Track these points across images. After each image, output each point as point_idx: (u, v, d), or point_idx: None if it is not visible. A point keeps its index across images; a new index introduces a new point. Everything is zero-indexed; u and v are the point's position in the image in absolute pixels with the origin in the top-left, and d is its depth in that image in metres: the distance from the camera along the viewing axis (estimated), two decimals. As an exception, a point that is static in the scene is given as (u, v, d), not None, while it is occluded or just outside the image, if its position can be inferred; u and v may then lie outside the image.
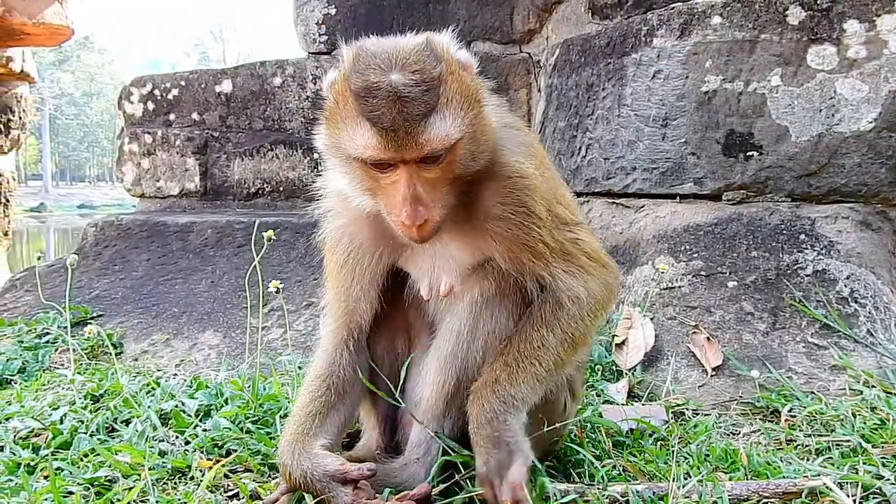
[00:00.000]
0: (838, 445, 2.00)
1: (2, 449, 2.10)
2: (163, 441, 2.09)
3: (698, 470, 1.82)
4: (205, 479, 1.77)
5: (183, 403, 2.36)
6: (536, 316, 1.70)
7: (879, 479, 1.69)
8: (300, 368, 2.71)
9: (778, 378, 2.46)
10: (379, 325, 1.91)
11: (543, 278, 1.70)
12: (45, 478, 1.90)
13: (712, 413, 2.38)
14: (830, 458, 1.91)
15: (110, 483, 1.85)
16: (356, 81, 1.48)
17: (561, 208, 1.77)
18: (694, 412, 2.41)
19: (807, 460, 1.92)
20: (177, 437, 2.14)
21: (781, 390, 2.42)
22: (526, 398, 1.63)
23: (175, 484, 1.87)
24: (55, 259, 4.91)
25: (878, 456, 1.86)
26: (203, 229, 4.32)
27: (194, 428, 2.19)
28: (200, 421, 2.26)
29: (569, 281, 1.71)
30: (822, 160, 2.95)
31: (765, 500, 1.61)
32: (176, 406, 2.35)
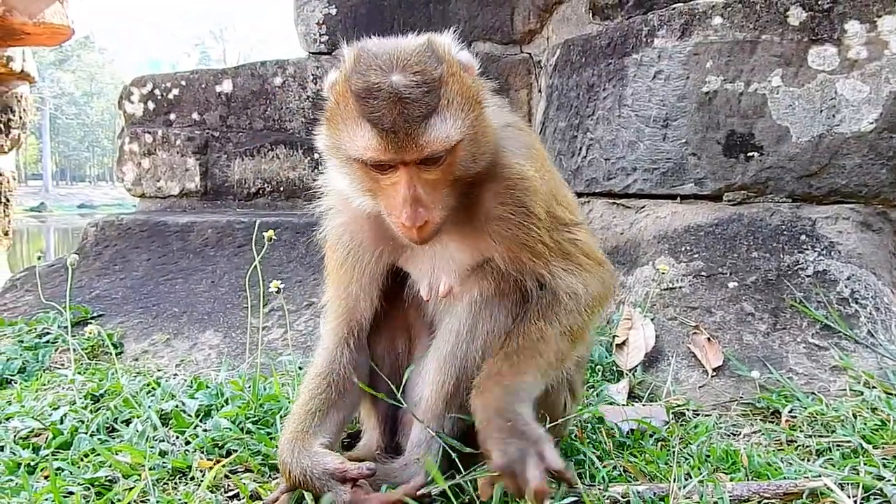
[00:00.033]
0: (839, 446, 2.00)
1: (2, 449, 2.10)
2: (163, 441, 2.09)
3: (699, 470, 1.82)
4: (205, 480, 1.77)
5: (183, 403, 2.36)
6: (534, 310, 1.70)
7: (880, 480, 1.69)
8: (301, 369, 2.70)
9: (778, 379, 2.46)
10: (379, 325, 1.91)
11: (543, 277, 1.71)
12: (46, 478, 1.89)
13: (713, 414, 2.38)
14: (831, 459, 1.91)
15: (111, 483, 1.85)
16: (357, 82, 1.48)
17: (560, 209, 1.78)
18: (694, 413, 2.41)
19: (807, 461, 1.92)
20: (177, 438, 2.14)
21: (782, 391, 2.42)
22: (530, 389, 1.60)
23: (175, 484, 1.87)
24: (55, 259, 4.91)
25: (879, 457, 1.86)
26: (203, 229, 4.32)
27: (195, 428, 2.19)
28: (201, 421, 2.26)
29: (567, 278, 1.72)
30: (823, 161, 2.95)
31: (765, 501, 1.61)
32: (176, 406, 2.35)
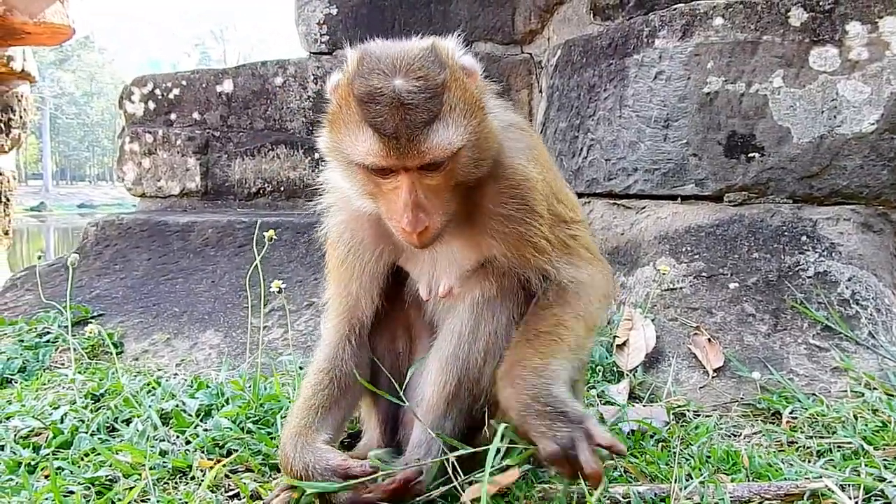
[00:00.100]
0: (840, 447, 1.99)
1: (2, 448, 2.10)
2: (163, 441, 2.09)
3: (700, 471, 1.82)
4: (206, 479, 1.77)
5: (184, 403, 2.36)
6: (543, 299, 1.70)
7: (881, 482, 1.68)
8: (301, 368, 2.70)
9: (779, 380, 2.46)
10: (380, 324, 1.91)
11: (547, 272, 1.72)
12: (46, 477, 1.89)
13: (713, 414, 2.37)
14: (832, 460, 1.91)
15: (111, 482, 1.85)
16: (359, 86, 1.47)
17: (561, 207, 1.79)
18: (695, 413, 2.41)
19: (808, 462, 1.92)
20: (177, 437, 2.14)
21: (783, 392, 2.41)
22: (557, 372, 1.56)
23: (176, 484, 1.87)
24: (55, 258, 4.91)
25: (880, 458, 1.86)
26: (204, 229, 4.32)
27: (195, 428, 2.19)
28: (201, 421, 2.26)
29: (571, 270, 1.73)
30: (824, 162, 2.95)
31: (766, 502, 1.61)
32: (177, 406, 2.35)
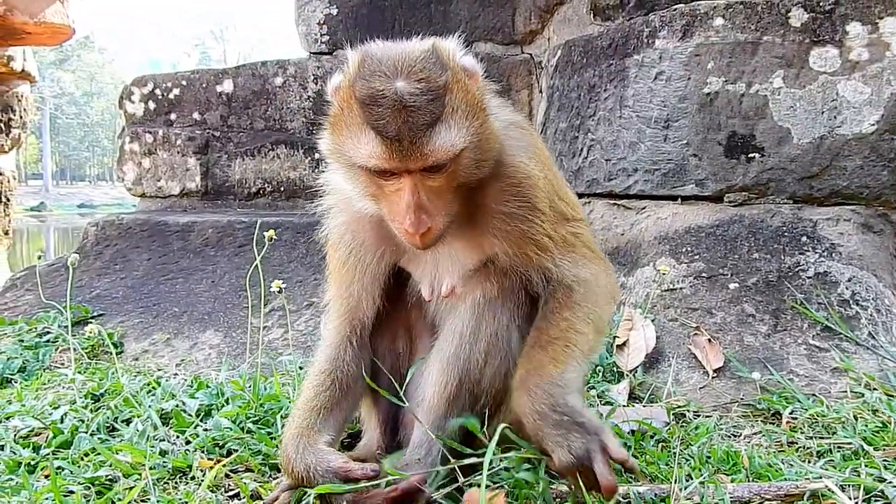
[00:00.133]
0: (840, 448, 1.99)
1: (2, 448, 2.10)
2: (163, 441, 2.09)
3: (700, 472, 1.82)
4: (206, 479, 1.77)
5: (184, 403, 2.36)
6: (552, 302, 1.69)
7: (881, 482, 1.68)
8: (301, 368, 2.70)
9: (779, 380, 2.46)
10: (381, 325, 1.91)
11: (549, 270, 1.71)
12: (46, 477, 1.89)
13: (713, 415, 2.37)
14: (832, 461, 1.91)
15: (111, 482, 1.85)
16: (361, 88, 1.47)
17: (563, 204, 1.79)
18: (695, 414, 2.41)
19: (808, 462, 1.92)
20: (177, 437, 2.14)
21: (783, 392, 2.42)
22: (573, 380, 1.57)
23: (176, 483, 1.87)
24: (55, 258, 4.91)
25: (880, 458, 1.86)
26: (204, 229, 4.31)
27: (195, 428, 2.19)
28: (201, 421, 2.26)
29: (574, 269, 1.72)
30: (824, 162, 2.95)
31: (766, 503, 1.61)
32: (177, 406, 2.34)
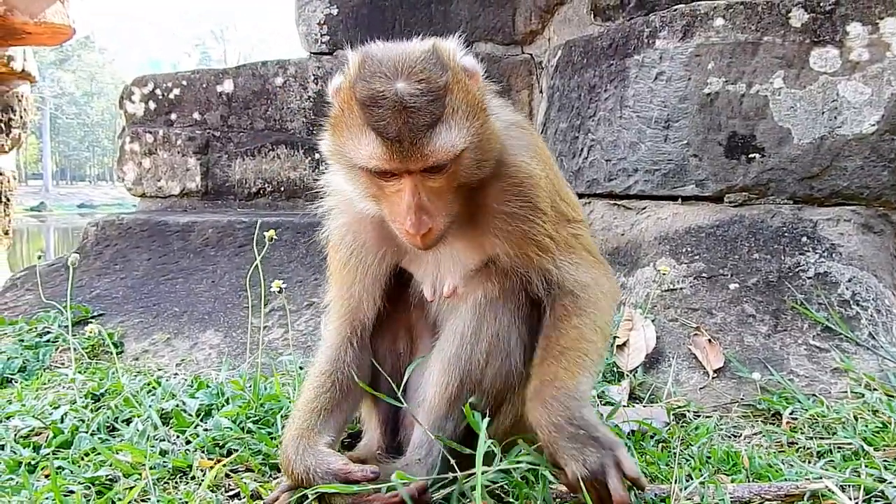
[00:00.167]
0: (840, 448, 1.99)
1: (3, 448, 2.10)
2: (164, 440, 2.09)
3: (700, 472, 1.82)
4: (206, 479, 1.77)
5: (184, 403, 2.36)
6: (559, 309, 1.69)
7: (882, 483, 1.69)
8: (301, 368, 2.70)
9: (779, 380, 2.46)
10: (381, 325, 1.91)
11: (550, 272, 1.70)
12: (46, 477, 1.89)
13: (714, 415, 2.37)
14: (832, 461, 1.91)
15: (111, 482, 1.85)
16: (361, 89, 1.47)
17: (564, 205, 1.79)
18: (695, 414, 2.41)
19: (808, 463, 1.92)
20: (178, 437, 2.14)
21: (783, 393, 2.42)
22: (586, 391, 1.58)
23: (176, 483, 1.87)
24: (55, 258, 4.91)
25: (881, 459, 1.86)
26: (204, 229, 4.32)
27: (195, 427, 2.19)
28: (201, 420, 2.26)
29: (575, 273, 1.72)
30: (825, 163, 2.95)
31: (766, 503, 1.61)
32: (177, 405, 2.34)
